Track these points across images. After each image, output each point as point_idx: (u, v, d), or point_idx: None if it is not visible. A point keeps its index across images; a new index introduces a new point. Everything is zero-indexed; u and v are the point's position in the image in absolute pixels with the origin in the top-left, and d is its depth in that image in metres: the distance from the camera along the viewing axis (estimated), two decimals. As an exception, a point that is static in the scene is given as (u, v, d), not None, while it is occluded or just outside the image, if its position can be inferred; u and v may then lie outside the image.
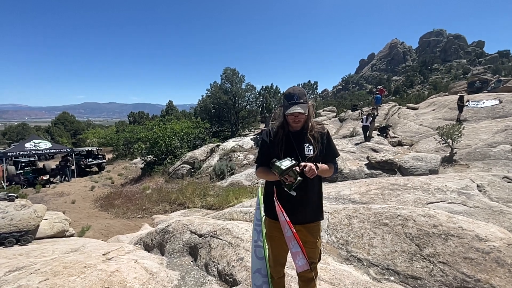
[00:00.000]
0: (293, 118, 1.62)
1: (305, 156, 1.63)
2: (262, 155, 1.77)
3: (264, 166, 1.75)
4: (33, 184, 13.50)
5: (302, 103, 1.60)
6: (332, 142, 1.77)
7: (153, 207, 9.89)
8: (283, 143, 1.67)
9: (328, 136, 1.75)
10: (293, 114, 1.60)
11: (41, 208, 5.80)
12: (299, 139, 1.67)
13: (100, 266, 3.04)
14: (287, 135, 1.69)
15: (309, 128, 1.69)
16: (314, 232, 1.67)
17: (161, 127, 15.74)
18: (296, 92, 1.63)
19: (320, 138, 1.70)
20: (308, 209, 1.67)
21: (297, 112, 1.57)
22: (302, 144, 1.66)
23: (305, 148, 1.65)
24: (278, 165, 1.49)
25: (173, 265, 3.90)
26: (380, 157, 8.11)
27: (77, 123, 41.86)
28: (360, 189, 5.89)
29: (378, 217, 3.63)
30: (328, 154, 1.73)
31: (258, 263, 1.32)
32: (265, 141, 1.76)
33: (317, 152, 1.67)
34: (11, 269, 3.38)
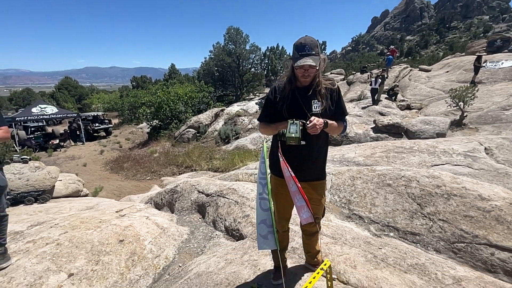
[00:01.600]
0: (303, 71, 1.51)
1: (313, 113, 1.55)
2: (266, 112, 1.71)
3: (267, 122, 1.71)
4: (45, 148, 13.91)
5: (313, 55, 1.47)
6: (342, 100, 1.68)
7: (161, 170, 10.20)
8: (288, 99, 1.60)
9: (339, 93, 1.66)
10: (303, 67, 1.49)
11: (54, 169, 6.02)
12: (307, 95, 1.58)
13: (114, 221, 3.23)
14: (293, 91, 1.60)
15: (318, 83, 1.58)
16: (319, 189, 1.68)
17: (165, 91, 15.52)
18: (308, 42, 1.48)
19: (329, 95, 1.60)
20: (314, 167, 1.66)
21: (308, 64, 1.45)
22: (310, 101, 1.58)
23: (313, 106, 1.57)
24: (291, 135, 1.39)
25: (182, 221, 4.13)
26: (387, 120, 7.97)
27: (81, 88, 41.55)
28: (365, 152, 5.90)
29: (381, 178, 3.68)
30: (337, 113, 1.65)
31: (263, 215, 1.36)
32: (269, 98, 1.69)
33: (326, 109, 1.59)
34: (33, 224, 3.62)
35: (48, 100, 33.29)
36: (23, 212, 4.48)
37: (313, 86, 1.58)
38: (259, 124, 1.76)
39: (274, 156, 1.69)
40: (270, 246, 1.37)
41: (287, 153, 1.56)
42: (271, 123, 1.68)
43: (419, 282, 1.85)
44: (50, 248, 2.51)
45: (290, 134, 1.38)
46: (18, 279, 2.12)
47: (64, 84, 38.88)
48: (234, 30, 20.17)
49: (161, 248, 3.00)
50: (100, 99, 32.53)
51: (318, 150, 1.64)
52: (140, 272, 2.58)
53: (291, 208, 1.77)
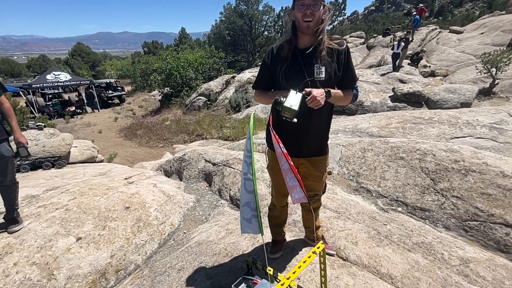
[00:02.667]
0: (304, 10, 1.27)
1: (315, 80, 1.35)
2: (262, 78, 1.52)
3: (262, 89, 1.53)
4: (62, 115, 14.34)
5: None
6: (351, 63, 1.44)
7: (173, 138, 10.34)
8: (287, 62, 1.38)
9: (348, 55, 1.41)
10: (304, 1, 1.26)
11: (68, 136, 6.18)
12: (309, 57, 1.36)
13: (121, 188, 3.31)
14: (293, 53, 1.39)
15: (322, 42, 1.35)
16: (320, 166, 1.55)
17: (175, 58, 15.10)
18: None
19: (336, 57, 1.37)
20: (314, 142, 1.49)
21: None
22: (312, 65, 1.35)
23: (315, 70, 1.35)
24: (288, 106, 1.19)
25: (189, 189, 4.20)
26: (407, 88, 7.42)
27: (94, 55, 41.38)
28: (379, 122, 5.60)
29: (394, 151, 3.48)
30: (346, 78, 1.42)
31: (248, 197, 1.26)
32: (265, 62, 1.48)
33: (332, 75, 1.37)
34: (48, 188, 3.79)
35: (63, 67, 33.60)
36: (40, 176, 4.70)
37: (317, 47, 1.35)
38: (254, 92, 1.59)
39: (269, 129, 1.55)
40: (253, 230, 1.29)
41: (283, 126, 1.40)
42: (267, 92, 1.50)
43: (423, 262, 1.77)
44: (59, 213, 2.60)
45: (288, 105, 1.19)
46: (29, 241, 2.23)
47: (77, 51, 38.77)
48: (246, -12, 18.66)
49: (167, 215, 3.07)
50: (113, 66, 32.42)
51: (319, 123, 1.45)
52: (145, 238, 2.67)
53: None
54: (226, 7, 20.03)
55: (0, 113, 2.21)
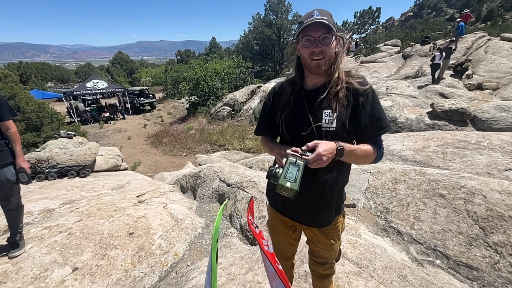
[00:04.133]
0: (311, 47, 0.98)
1: (323, 129, 1.03)
2: (262, 122, 1.27)
3: (265, 135, 1.27)
4: (98, 121, 15.29)
5: (326, 20, 0.97)
6: (378, 107, 1.06)
7: (196, 147, 10.41)
8: (289, 106, 1.09)
9: (373, 96, 1.05)
10: (310, 35, 0.97)
11: (94, 145, 6.40)
12: (317, 100, 1.05)
13: (129, 210, 3.20)
14: (297, 94, 1.10)
15: (338, 81, 1.03)
16: (330, 233, 1.21)
17: (202, 67, 15.43)
18: (317, 10, 1.00)
19: (353, 100, 1.03)
20: (321, 207, 1.15)
21: (318, 22, 0.94)
22: (321, 109, 1.04)
23: (324, 117, 1.03)
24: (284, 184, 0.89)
25: (201, 210, 4.01)
26: (449, 104, 6.63)
27: (131, 62, 44.33)
28: (415, 144, 5.00)
29: (432, 186, 2.98)
30: (368, 128, 1.05)
31: None
32: (266, 104, 1.22)
33: (346, 124, 1.03)
34: (65, 202, 3.85)
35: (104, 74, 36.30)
36: (63, 186, 4.84)
37: (330, 86, 1.04)
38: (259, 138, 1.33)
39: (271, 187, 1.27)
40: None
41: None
42: (268, 142, 1.23)
43: None
44: (62, 237, 2.53)
45: (284, 182, 0.90)
46: (25, 270, 2.16)
47: (117, 59, 41.86)
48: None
49: (171, 244, 2.88)
50: (147, 73, 34.32)
51: (329, 182, 1.11)
52: (145, 270, 2.49)
53: (293, 246, 1.36)
54: (255, 17, 20.17)
55: (7, 137, 2.18)
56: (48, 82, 38.05)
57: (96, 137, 12.19)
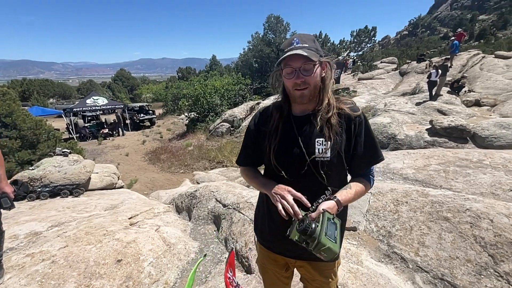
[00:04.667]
0: (293, 78, 0.92)
1: (317, 160, 0.96)
2: (246, 151, 1.18)
3: (249, 166, 1.17)
4: (96, 137, 15.25)
5: (306, 48, 0.91)
6: (372, 136, 1.03)
7: (194, 164, 10.28)
8: (277, 135, 1.01)
9: (366, 124, 1.01)
10: (290, 64, 0.92)
11: (89, 163, 6.29)
12: (308, 127, 0.99)
13: (119, 234, 3.05)
14: (286, 119, 1.03)
15: (329, 107, 0.98)
16: (326, 270, 1.10)
17: (202, 84, 15.63)
18: (297, 36, 0.95)
19: (346, 127, 0.99)
20: None
21: (296, 54, 0.88)
22: (312, 138, 0.98)
23: (317, 146, 0.97)
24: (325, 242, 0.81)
25: (196, 233, 3.85)
26: (448, 121, 6.59)
27: (133, 79, 45.12)
28: (415, 163, 4.90)
29: (436, 208, 2.85)
30: (363, 158, 1.01)
31: None
32: (250, 130, 1.14)
33: (341, 152, 0.98)
34: (53, 224, 3.69)
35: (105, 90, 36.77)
36: (55, 206, 4.69)
37: (319, 113, 0.98)
38: (240, 168, 1.23)
39: (260, 216, 1.17)
40: None
41: (270, 214, 1.06)
42: (257, 175, 1.14)
43: None
44: (44, 266, 2.38)
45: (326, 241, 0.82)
46: (1, 304, 1.99)
47: (119, 76, 42.62)
48: (274, 18, 19.22)
49: (162, 271, 2.71)
50: (148, 90, 34.77)
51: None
52: (132, 302, 2.32)
53: (286, 285, 1.23)
54: (254, 36, 20.74)
55: (-10, 160, 2.10)
56: (50, 98, 38.52)
57: (93, 153, 12.10)
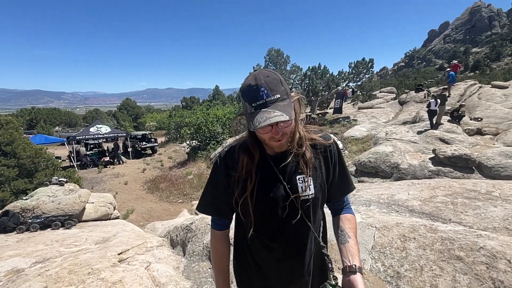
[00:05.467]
0: (270, 133, 0.83)
1: (301, 199, 0.90)
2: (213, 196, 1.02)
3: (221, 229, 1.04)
4: (97, 165, 15.21)
5: (278, 100, 0.78)
6: (344, 162, 1.01)
7: (193, 193, 10.06)
8: (251, 178, 0.91)
9: (339, 153, 0.99)
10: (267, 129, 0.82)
11: (85, 193, 6.14)
12: (286, 166, 0.92)
13: (104, 273, 2.82)
14: (262, 164, 0.93)
15: (297, 143, 0.91)
16: None
17: (204, 113, 15.93)
18: (262, 80, 0.79)
19: (323, 158, 0.95)
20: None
21: (275, 121, 0.75)
22: (293, 175, 0.91)
23: (300, 184, 0.90)
24: None
25: (189, 271, 3.58)
26: (452, 150, 6.49)
27: (138, 108, 46.41)
28: (421, 194, 4.71)
29: (447, 245, 2.64)
30: (337, 185, 0.99)
31: None
32: (216, 179, 1.00)
33: (323, 186, 0.95)
34: (38, 260, 3.47)
35: (110, 118, 37.58)
36: (43, 240, 4.48)
37: (292, 149, 0.92)
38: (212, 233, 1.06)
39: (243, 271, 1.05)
40: None
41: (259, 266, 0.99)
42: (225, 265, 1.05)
43: None
44: (17, 311, 2.15)
45: None
46: None
47: (124, 105, 43.95)
48: (275, 51, 20.18)
49: (148, 317, 2.45)
50: (152, 118, 35.53)
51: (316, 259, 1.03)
52: None
53: None
54: (255, 68, 21.60)
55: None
56: (56, 126, 39.33)
57: (92, 182, 11.96)
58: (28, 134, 17.53)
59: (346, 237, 0.96)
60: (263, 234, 0.94)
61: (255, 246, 0.98)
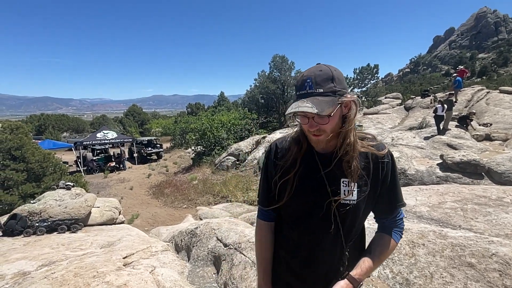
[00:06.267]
0: (307, 125, 0.86)
1: (342, 203, 0.88)
2: (268, 189, 1.04)
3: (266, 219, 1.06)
4: (103, 170, 15.36)
5: (320, 94, 0.80)
6: (397, 177, 0.96)
7: (198, 198, 10.04)
8: (297, 171, 0.92)
9: (393, 165, 0.94)
10: (305, 115, 0.85)
11: (91, 197, 6.19)
12: (331, 166, 0.90)
13: (109, 277, 2.82)
14: (308, 155, 0.94)
15: (351, 147, 0.89)
16: None
17: (209, 119, 16.05)
18: (312, 74, 0.82)
19: (373, 169, 0.91)
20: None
21: (301, 110, 0.79)
22: (337, 178, 0.89)
23: (343, 188, 0.88)
24: None
25: (194, 275, 3.56)
26: (460, 156, 6.37)
27: (144, 114, 46.96)
28: (429, 200, 4.62)
29: (457, 252, 2.58)
30: (387, 201, 0.95)
31: None
32: (266, 168, 1.04)
33: (367, 195, 0.91)
34: (44, 263, 3.48)
35: (116, 124, 38.07)
36: (49, 243, 4.50)
37: (340, 151, 0.90)
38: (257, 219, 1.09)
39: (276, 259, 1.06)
40: None
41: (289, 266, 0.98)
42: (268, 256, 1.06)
43: None
44: (22, 314, 2.15)
45: None
46: None
47: (130, 111, 44.55)
48: (279, 58, 20.34)
49: (152, 322, 2.43)
50: (158, 124, 35.88)
51: (331, 268, 0.97)
52: None
53: None
54: (260, 74, 21.80)
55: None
56: (64, 132, 39.97)
57: (98, 187, 12.05)
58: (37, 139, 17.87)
59: (368, 252, 0.95)
60: (294, 229, 0.95)
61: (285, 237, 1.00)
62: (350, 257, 0.94)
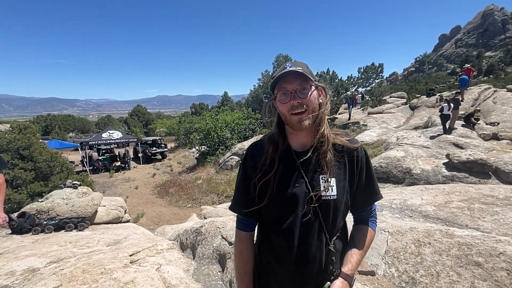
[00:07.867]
0: (288, 101, 0.88)
1: (323, 199, 0.88)
2: (242, 194, 1.02)
3: (247, 229, 1.05)
4: (109, 170, 15.52)
5: (302, 71, 0.88)
6: (372, 169, 0.97)
7: (202, 198, 10.09)
8: (276, 171, 0.92)
9: (367, 158, 0.96)
10: (285, 87, 0.88)
11: (97, 196, 6.26)
12: (309, 164, 0.92)
13: (117, 273, 2.86)
14: (285, 153, 0.95)
15: (325, 139, 0.91)
16: None
17: (213, 119, 16.12)
18: (289, 62, 0.93)
19: (348, 162, 0.93)
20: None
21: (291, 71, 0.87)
22: (316, 175, 0.90)
23: (322, 184, 0.88)
24: None
25: (199, 273, 3.59)
26: (466, 155, 6.31)
27: (148, 115, 47.33)
28: (435, 199, 4.59)
29: (464, 251, 2.56)
30: (363, 194, 0.96)
31: None
32: (245, 172, 1.01)
33: (346, 189, 0.92)
34: (53, 260, 3.54)
35: (121, 124, 38.41)
36: (57, 241, 4.57)
37: (319, 147, 0.92)
38: (236, 228, 1.08)
39: (262, 267, 1.03)
40: None
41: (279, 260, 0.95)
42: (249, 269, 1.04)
43: None
44: (33, 308, 2.20)
45: None
46: None
47: (135, 111, 44.93)
48: (283, 57, 20.32)
49: (159, 318, 2.46)
50: (162, 124, 36.14)
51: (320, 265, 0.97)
52: None
53: None
54: (263, 74, 21.80)
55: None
56: (69, 132, 40.45)
57: (104, 186, 12.19)
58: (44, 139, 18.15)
59: (352, 245, 0.96)
60: (278, 233, 0.94)
61: (270, 242, 0.99)
62: (337, 252, 0.95)
